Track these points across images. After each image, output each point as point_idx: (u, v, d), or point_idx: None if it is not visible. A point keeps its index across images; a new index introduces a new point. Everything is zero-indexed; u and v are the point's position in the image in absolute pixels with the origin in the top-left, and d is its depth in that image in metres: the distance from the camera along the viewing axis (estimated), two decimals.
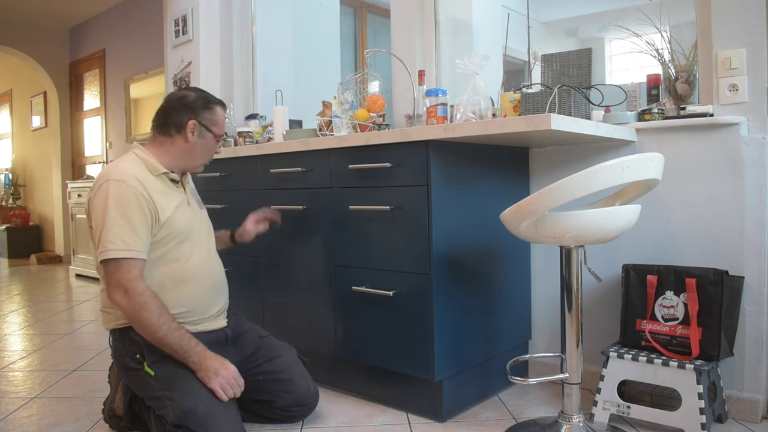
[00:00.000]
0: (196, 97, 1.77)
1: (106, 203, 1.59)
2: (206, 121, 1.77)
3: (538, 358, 2.22)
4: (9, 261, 6.55)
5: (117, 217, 1.57)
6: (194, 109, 1.76)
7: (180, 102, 1.76)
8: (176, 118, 1.75)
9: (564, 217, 1.49)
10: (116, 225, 1.57)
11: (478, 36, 2.83)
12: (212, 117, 1.78)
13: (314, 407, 1.87)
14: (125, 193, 1.60)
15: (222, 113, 1.82)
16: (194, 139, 1.75)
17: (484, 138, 1.79)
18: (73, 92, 6.50)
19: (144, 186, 1.64)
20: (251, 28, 3.62)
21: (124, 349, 1.68)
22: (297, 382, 1.81)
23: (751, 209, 1.78)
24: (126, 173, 1.63)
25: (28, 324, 3.37)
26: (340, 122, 2.35)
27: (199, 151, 1.79)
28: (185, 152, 1.77)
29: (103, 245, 1.57)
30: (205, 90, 1.84)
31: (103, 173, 1.66)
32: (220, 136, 1.81)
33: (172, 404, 1.55)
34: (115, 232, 1.57)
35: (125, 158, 1.73)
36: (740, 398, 1.81)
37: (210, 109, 1.78)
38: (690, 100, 1.95)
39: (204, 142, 1.78)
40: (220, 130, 1.81)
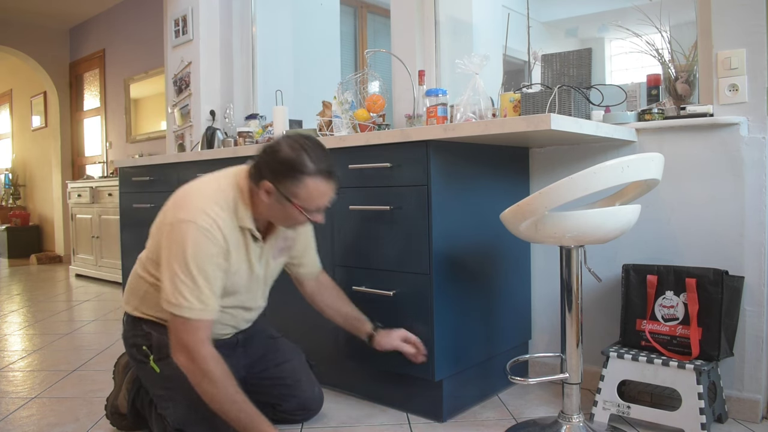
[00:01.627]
0: (286, 157, 1.45)
1: (186, 251, 1.42)
2: (286, 190, 1.46)
3: (538, 358, 2.22)
4: (9, 261, 6.55)
5: (195, 270, 1.42)
6: (276, 171, 1.46)
7: (270, 153, 1.49)
8: (258, 170, 1.50)
9: (564, 217, 1.49)
10: (192, 279, 1.43)
11: (478, 36, 2.83)
12: (295, 189, 1.46)
13: (318, 411, 1.88)
14: (207, 246, 1.44)
15: (315, 186, 1.46)
16: (270, 200, 1.50)
17: (484, 138, 1.79)
18: (73, 92, 6.50)
19: (227, 241, 1.48)
20: (251, 28, 3.62)
21: (133, 337, 1.67)
22: (303, 388, 1.81)
23: (751, 209, 1.78)
24: (213, 222, 1.45)
25: (28, 324, 3.37)
26: (340, 122, 2.35)
27: (279, 215, 1.53)
28: (265, 210, 1.53)
29: (175, 298, 1.43)
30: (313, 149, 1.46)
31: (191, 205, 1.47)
32: (306, 209, 1.49)
33: (174, 406, 1.54)
34: (191, 287, 1.42)
35: (220, 193, 1.51)
36: (740, 398, 1.81)
37: (295, 179, 1.45)
38: (690, 100, 1.95)
39: (283, 208, 1.50)
40: (307, 203, 1.48)
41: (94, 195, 5.03)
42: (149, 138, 5.26)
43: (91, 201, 5.06)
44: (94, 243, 5.01)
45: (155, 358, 1.60)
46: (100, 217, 4.95)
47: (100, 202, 4.96)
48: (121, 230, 3.34)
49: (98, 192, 4.98)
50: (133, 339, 1.67)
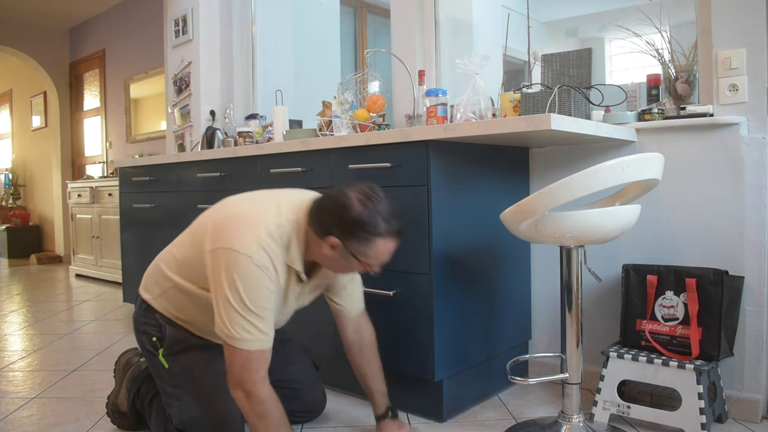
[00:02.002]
0: (358, 217, 1.40)
1: (244, 285, 1.39)
2: (354, 249, 1.43)
3: (538, 358, 2.22)
4: (9, 261, 6.55)
5: (254, 305, 1.40)
6: (346, 230, 1.41)
7: (338, 209, 1.42)
8: (324, 223, 1.44)
9: (564, 217, 1.49)
10: (251, 313, 1.40)
11: (478, 36, 2.83)
12: (364, 248, 1.43)
13: (320, 414, 1.88)
14: (266, 282, 1.41)
15: (385, 246, 1.44)
16: (333, 254, 1.46)
17: (484, 138, 1.79)
18: (73, 92, 6.50)
19: (278, 279, 1.46)
20: (251, 28, 3.62)
21: (144, 324, 1.64)
22: (307, 391, 1.81)
23: (751, 209, 1.78)
24: (269, 261, 1.42)
25: (28, 324, 3.37)
26: (340, 122, 2.35)
27: (338, 266, 1.51)
28: (323, 259, 1.50)
29: (235, 332, 1.39)
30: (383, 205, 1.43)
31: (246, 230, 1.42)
32: (369, 265, 1.48)
33: (180, 407, 1.54)
34: (250, 320, 1.40)
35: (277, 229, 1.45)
36: (740, 398, 1.81)
37: (366, 241, 1.42)
38: (690, 100, 1.95)
39: (346, 263, 1.48)
40: (372, 261, 1.46)
41: (94, 195, 5.03)
42: (149, 138, 5.26)
43: (91, 201, 5.06)
44: (94, 243, 5.01)
45: (165, 353, 1.58)
46: (100, 217, 4.95)
47: (100, 202, 4.96)
48: (121, 230, 3.34)
49: (98, 192, 4.98)
50: (144, 326, 1.64)
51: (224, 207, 1.57)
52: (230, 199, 1.62)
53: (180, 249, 1.62)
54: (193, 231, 1.60)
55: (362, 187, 1.45)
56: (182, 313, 1.61)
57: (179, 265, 1.59)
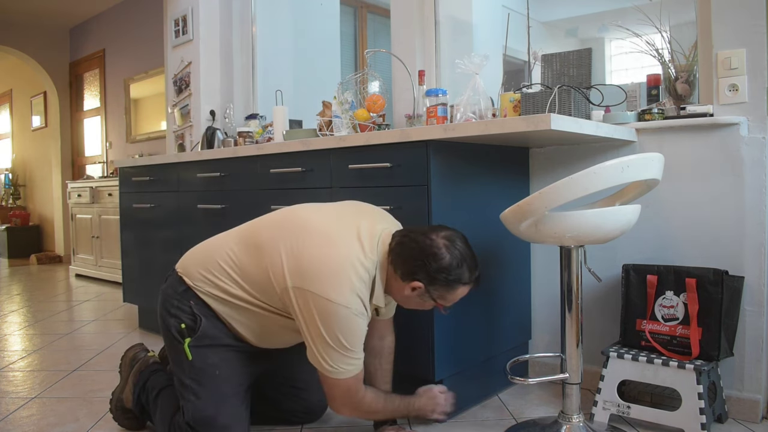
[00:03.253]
0: (447, 266, 1.46)
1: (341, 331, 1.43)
2: (436, 294, 1.51)
3: (538, 358, 2.22)
4: (9, 261, 6.55)
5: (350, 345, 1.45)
6: (434, 278, 1.47)
7: (427, 257, 1.47)
8: (410, 269, 1.48)
9: (564, 217, 1.49)
10: (350, 352, 1.46)
11: (478, 36, 2.83)
12: (446, 294, 1.51)
13: (321, 416, 1.88)
14: (360, 324, 1.46)
15: (463, 292, 1.53)
16: (412, 294, 1.52)
17: (484, 138, 1.79)
18: (73, 92, 6.50)
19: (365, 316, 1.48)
20: (251, 28, 3.62)
21: (177, 309, 1.59)
22: (311, 392, 1.81)
23: (751, 209, 1.78)
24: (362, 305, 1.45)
25: (28, 324, 3.37)
26: (340, 122, 2.35)
27: (412, 303, 1.57)
28: (400, 297, 1.56)
29: (334, 366, 1.45)
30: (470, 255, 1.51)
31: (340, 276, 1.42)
32: (442, 306, 1.56)
33: (196, 402, 1.54)
34: (347, 356, 1.46)
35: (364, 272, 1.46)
36: (740, 398, 1.81)
37: (450, 288, 1.50)
38: (690, 100, 1.95)
39: (421, 302, 1.54)
40: (447, 303, 1.55)
41: (94, 195, 5.03)
42: (149, 138, 5.26)
43: (91, 201, 5.06)
44: (94, 243, 5.01)
45: (191, 344, 1.55)
46: (100, 217, 4.95)
47: (100, 202, 4.96)
48: (121, 230, 3.34)
49: (98, 192, 4.98)
50: (176, 310, 1.59)
51: (299, 228, 1.53)
52: (302, 215, 1.58)
53: (241, 256, 1.57)
54: (258, 243, 1.55)
55: (447, 233, 1.51)
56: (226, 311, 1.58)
57: (242, 273, 1.55)
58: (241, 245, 1.59)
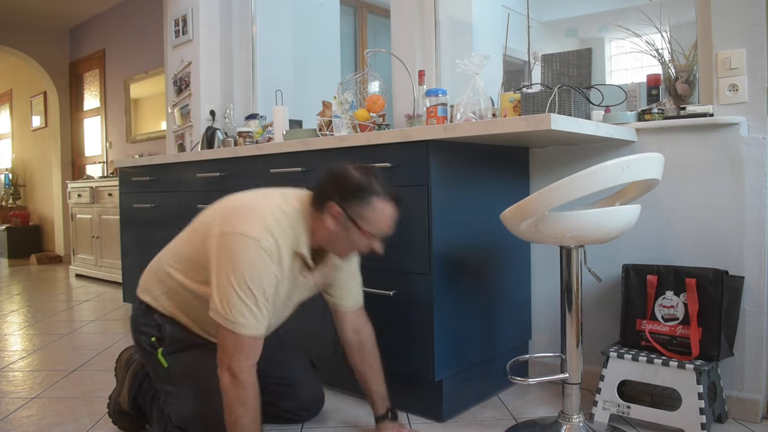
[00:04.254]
0: (357, 181, 1.47)
1: (247, 268, 1.40)
2: (353, 212, 1.47)
3: (538, 358, 2.22)
4: (9, 261, 6.55)
5: (255, 289, 1.41)
6: (345, 193, 1.47)
7: (338, 177, 1.50)
8: (324, 194, 1.50)
9: (564, 217, 1.49)
10: (251, 297, 1.41)
11: (478, 36, 2.83)
12: (363, 210, 1.47)
13: (319, 412, 1.87)
14: (270, 267, 1.43)
15: (383, 208, 1.48)
16: (335, 227, 1.49)
17: (484, 138, 1.79)
18: (73, 92, 6.50)
19: (282, 264, 1.47)
20: (251, 28, 3.62)
21: (143, 326, 1.64)
22: (305, 389, 1.81)
23: (751, 209, 1.78)
24: (275, 245, 1.44)
25: (28, 324, 3.37)
26: (340, 122, 2.35)
27: (340, 241, 1.52)
28: (326, 236, 1.52)
29: (232, 315, 1.40)
30: (381, 175, 1.51)
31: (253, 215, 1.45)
32: (371, 234, 1.50)
33: (178, 404, 1.54)
34: (249, 304, 1.40)
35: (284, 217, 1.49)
36: (740, 398, 1.81)
37: (364, 201, 1.47)
38: (690, 100, 1.95)
39: (347, 234, 1.50)
40: (373, 228, 1.48)
41: (94, 195, 5.03)
42: (149, 138, 5.26)
43: (91, 201, 5.06)
44: (94, 243, 5.01)
45: (164, 352, 1.59)
46: (100, 217, 4.95)
47: (100, 202, 4.96)
48: (121, 230, 3.34)
49: (98, 192, 4.98)
50: (144, 327, 1.64)
51: (229, 201, 1.59)
52: (233, 195, 1.63)
53: (182, 246, 1.62)
54: (195, 227, 1.61)
55: (362, 163, 1.55)
56: (184, 310, 1.61)
57: (182, 261, 1.59)
58: (179, 241, 1.65)
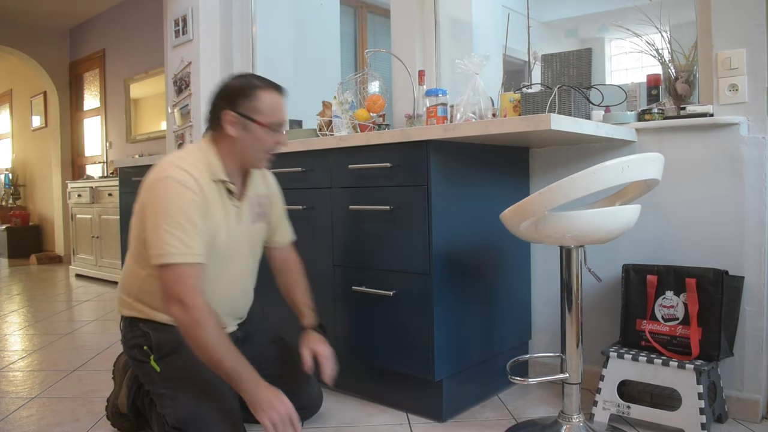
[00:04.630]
0: (237, 83, 1.57)
1: (166, 202, 1.46)
2: (246, 110, 1.55)
3: (538, 358, 2.22)
4: (9, 261, 6.55)
5: (178, 218, 1.45)
6: (231, 97, 1.56)
7: (218, 91, 1.59)
8: (216, 110, 1.59)
9: (564, 217, 1.49)
10: (176, 227, 1.44)
11: (478, 36, 2.83)
12: (253, 104, 1.55)
13: (317, 410, 1.87)
14: (186, 196, 1.48)
15: (270, 98, 1.56)
16: (237, 132, 1.56)
17: (484, 138, 1.79)
18: (73, 92, 6.50)
19: (203, 192, 1.52)
20: (251, 28, 3.62)
21: (132, 339, 1.66)
22: (302, 387, 1.80)
23: (751, 209, 1.78)
24: (187, 174, 1.51)
25: (28, 324, 3.37)
26: (340, 122, 2.35)
27: (249, 146, 1.59)
28: (233, 149, 1.59)
29: (162, 248, 1.43)
30: (258, 75, 1.61)
31: (164, 166, 1.53)
32: (270, 125, 1.57)
33: (174, 405, 1.54)
34: (175, 233, 1.44)
35: (190, 153, 1.59)
36: (740, 398, 1.81)
37: (249, 95, 1.55)
38: (690, 100, 1.95)
39: (251, 136, 1.57)
40: (269, 118, 1.56)
41: (94, 195, 5.03)
42: (149, 138, 5.26)
43: (91, 201, 5.06)
44: (94, 243, 5.01)
45: (156, 357, 1.60)
46: (100, 217, 4.95)
47: (100, 202, 4.96)
48: (121, 230, 3.35)
49: (98, 192, 4.98)
50: (133, 341, 1.66)
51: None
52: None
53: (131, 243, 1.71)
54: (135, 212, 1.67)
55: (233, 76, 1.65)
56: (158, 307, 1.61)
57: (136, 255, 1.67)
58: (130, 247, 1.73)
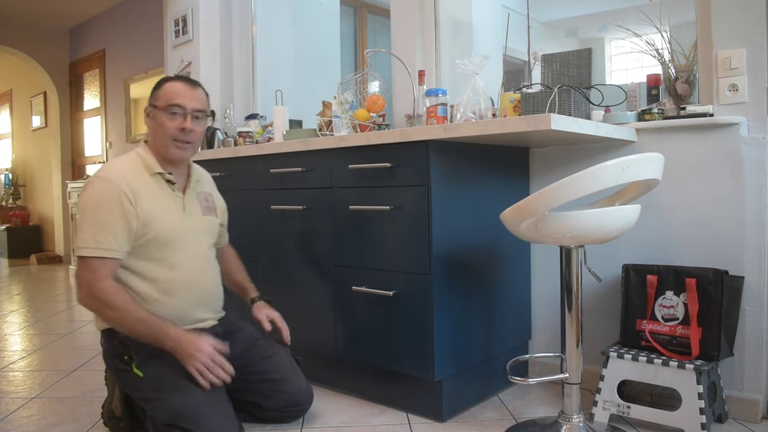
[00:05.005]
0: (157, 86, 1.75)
1: (87, 201, 1.62)
2: (152, 100, 1.73)
3: (538, 358, 2.22)
4: (9, 261, 6.55)
5: (94, 215, 1.60)
6: (150, 94, 1.74)
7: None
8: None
9: (564, 217, 1.49)
10: (91, 223, 1.59)
11: (478, 36, 2.83)
12: (157, 93, 1.73)
13: (308, 407, 1.85)
14: (107, 192, 1.61)
15: (171, 86, 1.72)
16: (148, 122, 1.74)
17: (484, 138, 1.79)
18: (73, 92, 6.50)
19: (131, 185, 1.63)
20: (251, 28, 3.62)
21: (112, 351, 1.68)
22: (289, 382, 1.80)
23: (751, 209, 1.78)
24: (115, 172, 1.65)
25: (28, 324, 3.37)
26: (340, 122, 2.35)
27: (155, 132, 1.73)
28: (151, 138, 1.75)
29: (77, 242, 1.60)
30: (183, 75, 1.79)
31: (98, 170, 1.69)
32: (165, 107, 1.69)
33: (161, 404, 1.54)
34: (89, 230, 1.58)
35: (125, 156, 1.75)
36: (740, 398, 1.81)
37: (158, 88, 1.73)
38: (690, 100, 1.95)
39: (155, 122, 1.72)
40: (164, 101, 1.70)
41: None
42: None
43: None
44: None
45: (137, 364, 1.61)
46: None
47: None
48: None
49: None
50: (114, 351, 1.67)
51: None
52: None
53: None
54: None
55: None
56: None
57: None
58: None
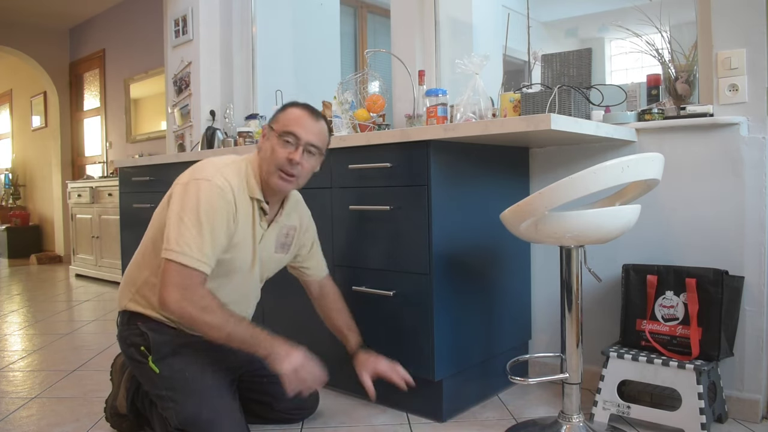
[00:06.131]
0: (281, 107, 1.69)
1: (198, 202, 1.49)
2: (272, 121, 1.66)
3: (538, 358, 2.22)
4: (9, 261, 6.55)
5: (204, 222, 1.48)
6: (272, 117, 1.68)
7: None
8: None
9: (564, 217, 1.49)
10: (198, 230, 1.48)
11: (478, 36, 2.83)
12: (278, 115, 1.65)
13: (314, 410, 1.88)
14: (220, 201, 1.51)
15: (293, 112, 1.63)
16: (263, 141, 1.65)
17: (484, 138, 1.79)
18: (73, 92, 6.50)
19: (236, 202, 1.56)
20: (251, 28, 3.62)
21: (129, 338, 1.65)
22: None
23: (751, 209, 1.78)
24: (227, 181, 1.55)
25: (28, 324, 3.37)
26: (340, 122, 2.35)
27: (265, 153, 1.63)
28: (260, 159, 1.65)
29: (178, 245, 1.46)
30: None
31: (207, 168, 1.57)
32: (279, 132, 1.60)
33: (175, 407, 1.54)
34: (195, 237, 1.47)
35: (234, 163, 1.63)
36: (740, 398, 1.81)
37: (282, 110, 1.66)
38: (690, 100, 1.95)
39: (269, 144, 1.62)
40: (281, 126, 1.61)
41: (94, 195, 5.03)
42: (149, 138, 5.26)
43: (91, 201, 5.06)
44: (94, 243, 5.01)
45: (154, 359, 1.59)
46: (100, 217, 4.95)
47: (100, 202, 4.96)
48: (121, 230, 3.34)
49: (98, 192, 4.98)
50: (131, 339, 1.65)
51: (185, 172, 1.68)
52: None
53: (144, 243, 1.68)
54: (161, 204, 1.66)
55: None
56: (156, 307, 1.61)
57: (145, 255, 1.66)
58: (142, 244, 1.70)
